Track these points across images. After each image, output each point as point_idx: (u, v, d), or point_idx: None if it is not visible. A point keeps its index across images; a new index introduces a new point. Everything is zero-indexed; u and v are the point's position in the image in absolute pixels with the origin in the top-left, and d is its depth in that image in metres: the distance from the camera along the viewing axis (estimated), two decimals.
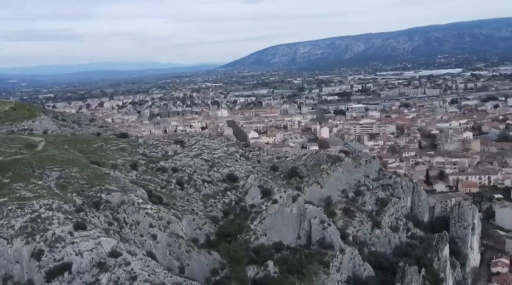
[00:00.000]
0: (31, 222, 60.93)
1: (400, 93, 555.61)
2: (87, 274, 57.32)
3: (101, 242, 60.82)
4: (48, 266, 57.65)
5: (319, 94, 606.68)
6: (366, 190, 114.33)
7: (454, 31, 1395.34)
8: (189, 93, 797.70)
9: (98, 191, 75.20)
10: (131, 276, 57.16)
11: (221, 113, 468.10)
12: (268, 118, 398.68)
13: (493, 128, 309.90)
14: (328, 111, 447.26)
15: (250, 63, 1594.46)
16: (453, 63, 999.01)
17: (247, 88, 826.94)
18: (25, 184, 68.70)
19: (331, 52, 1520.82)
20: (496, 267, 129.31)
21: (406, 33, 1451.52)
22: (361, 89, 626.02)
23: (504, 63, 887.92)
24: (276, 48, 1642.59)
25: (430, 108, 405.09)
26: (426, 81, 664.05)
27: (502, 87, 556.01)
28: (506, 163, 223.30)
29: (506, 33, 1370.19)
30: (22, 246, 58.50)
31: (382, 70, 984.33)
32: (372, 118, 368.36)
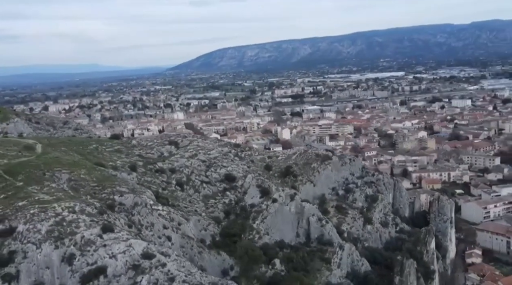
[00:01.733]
0: (56, 226, 58.37)
1: (351, 95, 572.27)
2: (123, 277, 55.69)
3: (131, 244, 59.25)
4: (81, 270, 55.45)
5: (272, 97, 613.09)
6: (355, 188, 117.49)
7: (394, 36, 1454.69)
8: (139, 96, 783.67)
9: (111, 193, 73.07)
10: (169, 277, 56.10)
11: (177, 116, 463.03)
12: (226, 120, 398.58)
13: (444, 128, 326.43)
14: (284, 113, 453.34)
15: (198, 66, 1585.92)
16: (395, 66, 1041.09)
17: (198, 91, 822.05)
18: (40, 187, 65.64)
19: (278, 55, 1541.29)
20: (471, 258, 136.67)
21: (350, 38, 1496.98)
22: (312, 91, 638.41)
23: (441, 66, 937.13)
24: (223, 51, 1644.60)
25: (382, 109, 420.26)
26: (373, 83, 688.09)
27: (443, 89, 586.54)
28: (461, 160, 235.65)
29: (441, 38, 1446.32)
30: (52, 251, 55.97)
31: (329, 73, 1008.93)
32: (329, 119, 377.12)
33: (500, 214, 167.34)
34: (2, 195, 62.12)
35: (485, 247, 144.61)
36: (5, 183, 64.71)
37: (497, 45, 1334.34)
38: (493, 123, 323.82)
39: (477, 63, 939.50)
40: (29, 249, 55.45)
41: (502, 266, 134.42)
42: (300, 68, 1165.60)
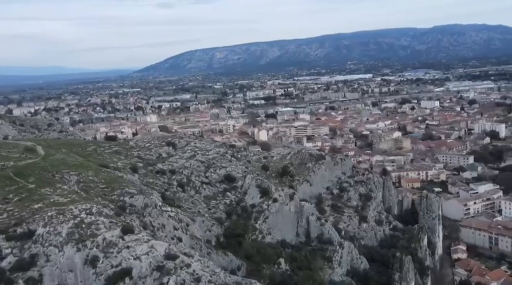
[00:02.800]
0: (76, 228, 56.98)
1: (322, 97, 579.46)
2: (149, 278, 54.79)
3: (153, 245, 58.39)
4: (106, 273, 54.29)
5: (245, 99, 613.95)
6: (349, 187, 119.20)
7: (360, 39, 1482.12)
8: (107, 99, 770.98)
9: (120, 194, 71.92)
10: (194, 278, 55.57)
11: (150, 118, 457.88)
12: (201, 123, 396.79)
13: (416, 128, 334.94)
14: (258, 115, 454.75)
15: (166, 68, 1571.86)
16: (362, 69, 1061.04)
17: (168, 93, 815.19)
18: (52, 189, 63.88)
19: (247, 57, 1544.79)
20: (456, 253, 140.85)
21: (318, 40, 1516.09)
22: (284, 93, 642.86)
23: (407, 69, 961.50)
24: (192, 53, 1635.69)
25: (355, 111, 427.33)
26: (343, 85, 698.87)
27: (411, 91, 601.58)
28: (437, 160, 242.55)
29: (405, 42, 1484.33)
30: (74, 253, 54.59)
31: (298, 75, 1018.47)
32: (304, 121, 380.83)
33: (479, 211, 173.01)
34: (16, 198, 60.19)
35: (469, 242, 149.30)
36: (17, 185, 62.75)
37: (457, 49, 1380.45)
38: (462, 123, 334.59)
39: (440, 66, 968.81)
40: (51, 252, 54.00)
41: (487, 261, 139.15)
42: (269, 71, 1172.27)
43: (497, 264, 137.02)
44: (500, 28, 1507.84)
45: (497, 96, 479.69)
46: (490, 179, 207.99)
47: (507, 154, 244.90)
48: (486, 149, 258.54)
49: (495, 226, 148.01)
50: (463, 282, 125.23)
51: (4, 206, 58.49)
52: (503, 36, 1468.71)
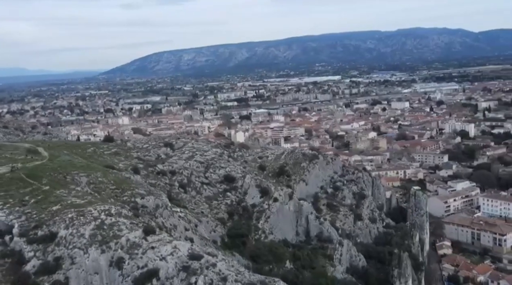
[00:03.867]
0: (98, 229, 55.80)
1: (294, 99, 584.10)
2: (176, 279, 54.24)
3: (176, 246, 57.83)
4: (133, 274, 53.41)
5: (217, 100, 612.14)
6: (342, 185, 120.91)
7: (327, 41, 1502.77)
8: (74, 101, 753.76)
9: (131, 195, 70.94)
10: (221, 277, 55.39)
11: (122, 120, 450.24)
12: (175, 125, 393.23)
13: (389, 128, 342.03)
14: (231, 116, 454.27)
15: (132, 70, 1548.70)
16: (330, 70, 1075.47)
17: (137, 95, 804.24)
18: (67, 191, 62.26)
19: (215, 59, 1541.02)
20: (442, 249, 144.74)
21: (286, 42, 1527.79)
22: (256, 95, 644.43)
23: (373, 71, 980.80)
24: (159, 55, 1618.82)
25: (329, 112, 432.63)
26: (313, 87, 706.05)
27: (380, 92, 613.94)
28: (413, 159, 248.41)
29: (371, 44, 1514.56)
30: (99, 255, 53.47)
31: (267, 77, 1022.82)
32: (279, 122, 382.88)
33: (459, 208, 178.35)
34: (32, 200, 58.37)
35: (452, 238, 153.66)
36: (31, 187, 60.86)
37: (421, 51, 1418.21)
38: (433, 123, 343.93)
39: (406, 68, 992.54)
40: (76, 255, 52.68)
41: (470, 256, 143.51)
42: (238, 72, 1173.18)
43: (480, 258, 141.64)
44: (460, 32, 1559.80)
45: (462, 97, 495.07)
46: (465, 177, 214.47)
47: (479, 153, 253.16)
48: (459, 148, 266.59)
49: (477, 222, 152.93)
50: (451, 277, 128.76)
51: (22, 209, 56.71)
52: (463, 39, 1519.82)
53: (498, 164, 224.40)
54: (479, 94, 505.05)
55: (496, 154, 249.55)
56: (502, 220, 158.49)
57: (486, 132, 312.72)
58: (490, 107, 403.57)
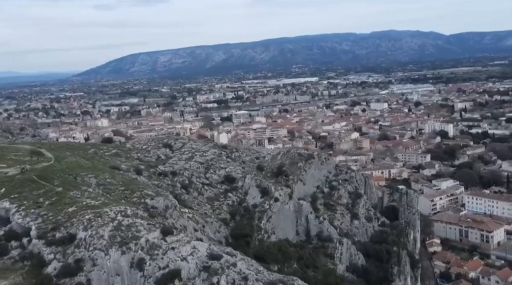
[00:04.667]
0: (116, 231, 54.86)
1: (274, 100, 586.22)
2: (198, 279, 53.83)
3: (195, 246, 57.38)
4: (154, 275, 52.75)
5: (196, 102, 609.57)
6: (338, 185, 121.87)
7: (304, 43, 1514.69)
8: (48, 103, 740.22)
9: (141, 196, 70.10)
10: (242, 277, 55.28)
11: (101, 123, 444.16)
12: (157, 126, 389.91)
13: (371, 129, 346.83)
14: (212, 118, 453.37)
15: (107, 72, 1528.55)
16: (307, 72, 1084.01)
17: (114, 97, 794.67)
18: (80, 192, 61.10)
19: (192, 61, 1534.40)
20: (432, 247, 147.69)
21: (262, 44, 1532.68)
22: (235, 96, 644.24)
23: (350, 72, 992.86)
24: (135, 56, 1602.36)
25: (310, 113, 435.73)
26: (292, 88, 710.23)
27: (358, 93, 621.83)
28: (396, 159, 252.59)
29: (346, 47, 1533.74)
30: (119, 257, 52.63)
31: (245, 78, 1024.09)
32: (261, 123, 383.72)
33: (445, 206, 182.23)
34: (47, 202, 57.04)
35: (440, 236, 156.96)
36: (44, 188, 59.46)
37: (395, 53, 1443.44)
38: (413, 124, 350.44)
39: (381, 70, 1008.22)
40: (97, 256, 51.72)
41: (460, 253, 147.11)
42: (215, 74, 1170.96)
43: (469, 255, 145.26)
44: (432, 35, 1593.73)
45: (438, 98, 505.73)
46: (448, 175, 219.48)
47: (459, 152, 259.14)
48: (440, 148, 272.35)
49: (464, 220, 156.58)
50: (443, 273, 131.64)
51: (38, 211, 55.41)
52: (435, 42, 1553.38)
53: (479, 163, 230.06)
54: (454, 95, 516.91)
55: (476, 153, 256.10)
56: (488, 217, 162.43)
57: (465, 132, 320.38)
58: (466, 107, 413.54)
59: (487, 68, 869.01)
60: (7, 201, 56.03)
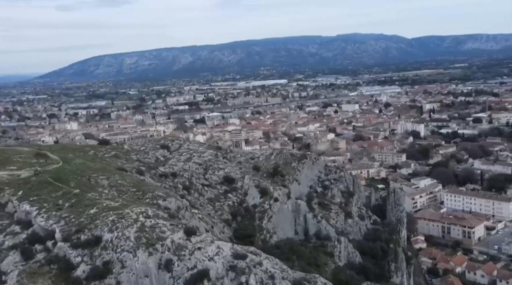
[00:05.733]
0: (141, 232, 53.96)
1: (245, 102, 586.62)
2: (226, 278, 53.57)
3: (220, 246, 57.16)
4: (183, 276, 52.17)
5: (166, 104, 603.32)
6: (330, 184, 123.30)
7: (271, 45, 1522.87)
8: (10, 106, 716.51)
9: (152, 197, 69.09)
10: (269, 276, 55.38)
11: (70, 126, 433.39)
12: (129, 129, 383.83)
13: (345, 130, 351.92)
14: (184, 120, 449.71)
15: (71, 74, 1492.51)
16: (276, 74, 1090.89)
17: (80, 100, 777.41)
18: (97, 194, 59.70)
19: (159, 63, 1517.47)
20: (417, 243, 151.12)
21: (230, 46, 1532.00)
22: (205, 98, 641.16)
23: (318, 74, 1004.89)
24: (100, 58, 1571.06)
25: (283, 114, 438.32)
26: (262, 90, 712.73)
27: (328, 95, 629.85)
28: (373, 158, 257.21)
29: (313, 49, 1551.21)
30: (147, 258, 51.79)
31: (214, 81, 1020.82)
32: (235, 125, 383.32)
33: (424, 204, 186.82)
34: (66, 204, 55.44)
35: (424, 233, 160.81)
36: (61, 190, 57.69)
37: (360, 56, 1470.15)
38: (385, 124, 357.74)
39: (348, 72, 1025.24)
40: (125, 258, 50.67)
41: (443, 249, 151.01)
42: (183, 76, 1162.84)
43: (452, 251, 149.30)
44: (395, 38, 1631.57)
45: (406, 99, 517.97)
46: (424, 174, 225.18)
47: (432, 152, 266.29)
48: (414, 148, 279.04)
49: (446, 217, 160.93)
50: (430, 269, 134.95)
51: (59, 213, 53.81)
52: (398, 45, 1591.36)
53: (453, 162, 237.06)
54: (421, 96, 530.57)
55: (449, 152, 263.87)
56: (467, 214, 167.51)
57: (435, 132, 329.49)
58: (434, 108, 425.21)
59: (449, 70, 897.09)
60: (27, 204, 54.27)
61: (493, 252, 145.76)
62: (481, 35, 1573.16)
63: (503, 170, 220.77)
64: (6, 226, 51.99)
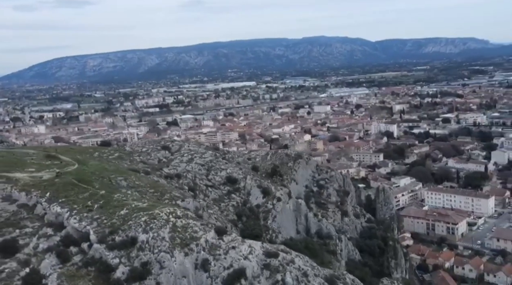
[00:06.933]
0: (174, 232, 53.12)
1: (216, 104, 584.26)
2: (261, 277, 53.45)
3: (251, 244, 56.97)
4: (221, 276, 51.67)
5: (136, 107, 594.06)
6: (325, 184, 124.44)
7: (238, 48, 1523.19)
8: None
9: (171, 198, 68.12)
10: (302, 273, 55.63)
11: (37, 129, 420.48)
12: (102, 132, 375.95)
13: (320, 131, 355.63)
14: (156, 122, 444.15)
15: (31, 76, 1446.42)
16: (243, 76, 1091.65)
17: (44, 102, 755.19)
18: (123, 194, 58.24)
19: (123, 65, 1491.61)
20: (405, 241, 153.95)
21: (196, 48, 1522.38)
22: (175, 101, 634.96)
23: (286, 77, 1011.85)
24: (61, 60, 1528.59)
25: (257, 116, 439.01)
26: (232, 92, 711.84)
27: (299, 97, 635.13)
28: (352, 158, 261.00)
29: (279, 51, 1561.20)
30: (183, 258, 51.00)
31: (181, 83, 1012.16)
32: (209, 127, 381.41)
33: (406, 202, 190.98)
34: (96, 205, 53.84)
35: (409, 230, 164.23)
36: (87, 192, 55.92)
37: (326, 58, 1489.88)
38: (359, 125, 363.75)
39: (315, 74, 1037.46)
40: (163, 259, 49.73)
41: (430, 245, 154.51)
42: (149, 79, 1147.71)
43: (438, 247, 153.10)
44: (359, 41, 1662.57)
45: (376, 100, 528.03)
46: (402, 173, 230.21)
47: (408, 151, 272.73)
48: (389, 147, 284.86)
49: (430, 214, 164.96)
50: (420, 265, 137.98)
51: (90, 214, 52.24)
52: (362, 48, 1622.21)
53: (430, 161, 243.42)
54: (389, 97, 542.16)
55: (423, 152, 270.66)
56: (450, 210, 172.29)
57: (408, 132, 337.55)
58: (404, 109, 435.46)
59: (413, 73, 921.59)
60: (57, 206, 52.45)
61: (477, 247, 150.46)
62: (441, 39, 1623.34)
63: (477, 168, 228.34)
64: (37, 229, 50.10)
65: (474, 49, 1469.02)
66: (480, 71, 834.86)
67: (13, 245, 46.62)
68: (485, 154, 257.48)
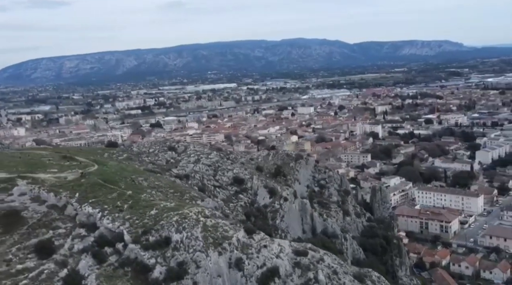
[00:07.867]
0: (205, 232, 52.60)
1: (199, 106, 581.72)
2: (294, 275, 53.42)
3: (280, 243, 56.96)
4: (255, 275, 51.38)
5: (117, 109, 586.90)
6: (326, 184, 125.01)
7: (217, 49, 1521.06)
8: None
9: (191, 198, 67.48)
10: (332, 271, 55.78)
11: (17, 132, 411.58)
12: (85, 135, 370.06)
13: (306, 132, 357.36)
14: (139, 124, 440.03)
15: (5, 78, 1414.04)
16: (224, 78, 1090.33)
17: (20, 105, 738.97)
18: (149, 195, 57.37)
19: (101, 67, 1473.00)
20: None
21: (175, 50, 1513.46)
22: (157, 103, 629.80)
23: (266, 78, 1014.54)
24: (37, 61, 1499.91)
25: (241, 118, 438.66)
26: (213, 94, 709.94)
27: (281, 98, 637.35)
28: (340, 159, 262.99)
29: (259, 53, 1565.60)
30: (218, 257, 50.57)
31: (161, 85, 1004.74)
32: (194, 129, 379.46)
33: (398, 201, 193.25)
34: (125, 205, 52.87)
35: (403, 229, 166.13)
36: (115, 192, 54.85)
37: (306, 60, 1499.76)
38: (344, 126, 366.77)
39: (295, 76, 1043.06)
40: (199, 258, 49.17)
41: (424, 244, 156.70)
42: (128, 80, 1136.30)
43: (433, 245, 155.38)
44: (338, 43, 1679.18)
45: (358, 102, 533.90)
46: (391, 173, 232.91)
47: (394, 152, 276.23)
48: (376, 148, 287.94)
49: (424, 212, 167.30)
50: (417, 263, 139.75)
51: (121, 215, 51.29)
52: (341, 50, 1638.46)
53: (418, 161, 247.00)
54: (371, 99, 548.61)
55: (409, 152, 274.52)
56: (442, 209, 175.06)
57: (392, 133, 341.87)
58: (387, 110, 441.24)
59: (391, 74, 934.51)
60: (88, 206, 51.38)
61: (470, 245, 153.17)
62: (417, 41, 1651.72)
63: (463, 167, 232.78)
64: (70, 229, 48.97)
65: (449, 51, 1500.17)
66: (456, 73, 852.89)
67: (49, 246, 45.51)
68: (469, 153, 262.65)
